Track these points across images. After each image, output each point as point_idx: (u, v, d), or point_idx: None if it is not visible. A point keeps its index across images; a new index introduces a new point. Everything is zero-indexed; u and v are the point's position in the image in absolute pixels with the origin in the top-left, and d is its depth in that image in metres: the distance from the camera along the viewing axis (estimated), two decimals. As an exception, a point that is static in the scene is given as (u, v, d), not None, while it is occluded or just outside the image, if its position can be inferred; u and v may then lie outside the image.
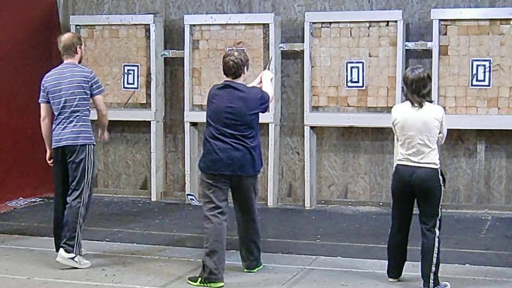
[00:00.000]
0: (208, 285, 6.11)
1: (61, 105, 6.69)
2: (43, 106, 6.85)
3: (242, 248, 6.56)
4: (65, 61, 6.86)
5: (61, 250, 6.62)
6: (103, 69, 10.00)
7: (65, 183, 6.79)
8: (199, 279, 6.17)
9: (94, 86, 6.77)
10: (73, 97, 6.68)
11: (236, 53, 6.34)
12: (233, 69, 6.29)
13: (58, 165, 6.84)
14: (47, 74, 6.86)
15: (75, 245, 6.63)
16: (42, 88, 6.82)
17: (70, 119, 6.69)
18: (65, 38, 6.90)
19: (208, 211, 6.26)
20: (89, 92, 6.74)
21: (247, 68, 6.40)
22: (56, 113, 6.77)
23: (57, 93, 6.72)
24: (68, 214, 6.67)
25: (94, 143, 6.84)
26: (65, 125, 6.70)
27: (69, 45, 6.83)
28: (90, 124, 6.81)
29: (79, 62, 6.88)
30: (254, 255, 6.54)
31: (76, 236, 6.63)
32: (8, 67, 9.51)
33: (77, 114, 6.69)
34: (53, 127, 6.80)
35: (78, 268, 6.58)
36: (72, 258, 6.61)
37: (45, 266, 6.71)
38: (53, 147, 6.83)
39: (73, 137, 6.68)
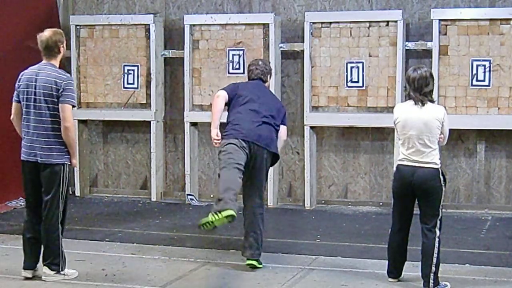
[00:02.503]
0: (219, 214, 6.02)
1: (31, 109, 6.13)
2: (14, 105, 6.27)
3: (244, 236, 6.67)
4: (44, 61, 6.20)
5: (46, 269, 6.22)
6: (103, 69, 10.00)
7: (37, 198, 6.25)
8: (209, 214, 6.08)
9: (64, 93, 6.05)
10: (44, 104, 6.10)
11: (260, 62, 6.92)
12: (259, 75, 6.85)
13: (28, 179, 6.26)
14: (22, 72, 6.28)
15: (60, 262, 6.24)
16: (16, 86, 6.27)
17: (38, 130, 6.11)
18: (47, 36, 6.14)
19: (225, 162, 6.38)
20: (56, 99, 6.06)
21: (270, 77, 6.96)
22: (24, 116, 6.20)
23: (27, 95, 6.15)
24: (47, 234, 6.17)
25: (68, 162, 6.19)
26: (34, 137, 6.12)
27: (52, 45, 6.14)
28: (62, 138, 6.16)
29: (60, 62, 6.29)
30: (251, 245, 6.56)
31: (60, 254, 6.23)
32: (8, 67, 9.48)
33: (47, 125, 6.10)
34: (23, 133, 6.24)
35: (67, 280, 6.28)
36: (58, 272, 6.25)
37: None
38: (22, 159, 6.24)
39: (45, 154, 6.11)
